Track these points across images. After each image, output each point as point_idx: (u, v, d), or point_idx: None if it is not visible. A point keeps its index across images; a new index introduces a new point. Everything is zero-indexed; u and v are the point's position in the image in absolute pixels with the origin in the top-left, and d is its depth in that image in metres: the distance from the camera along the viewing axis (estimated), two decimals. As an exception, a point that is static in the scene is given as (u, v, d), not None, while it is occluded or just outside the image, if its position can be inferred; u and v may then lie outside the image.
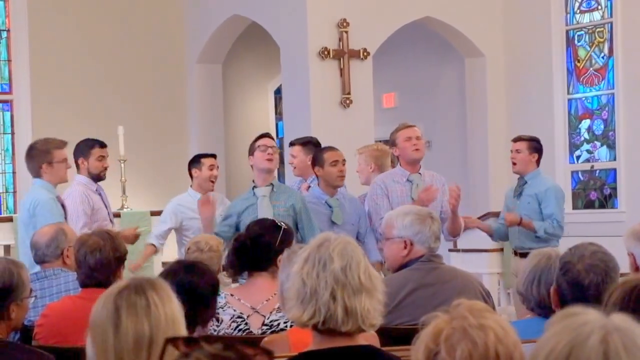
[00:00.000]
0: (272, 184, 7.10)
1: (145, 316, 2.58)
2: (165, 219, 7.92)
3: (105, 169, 7.55)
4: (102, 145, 7.63)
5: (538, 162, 8.00)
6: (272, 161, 7.13)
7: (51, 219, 6.52)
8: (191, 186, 8.08)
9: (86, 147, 7.45)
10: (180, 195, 8.07)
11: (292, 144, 8.17)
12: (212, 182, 8.14)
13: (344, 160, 7.34)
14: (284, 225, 5.13)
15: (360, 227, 7.34)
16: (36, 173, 6.87)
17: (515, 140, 8.09)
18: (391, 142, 7.29)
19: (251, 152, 7.14)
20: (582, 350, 1.74)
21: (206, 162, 8.14)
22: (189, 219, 7.83)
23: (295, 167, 8.01)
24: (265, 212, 6.79)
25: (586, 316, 1.79)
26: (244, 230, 5.24)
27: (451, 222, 7.15)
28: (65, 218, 6.86)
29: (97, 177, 7.48)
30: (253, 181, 7.19)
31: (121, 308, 2.59)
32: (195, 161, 8.17)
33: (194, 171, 8.12)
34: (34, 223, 6.59)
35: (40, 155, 6.83)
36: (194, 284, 3.94)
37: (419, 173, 7.20)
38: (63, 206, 6.91)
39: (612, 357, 1.73)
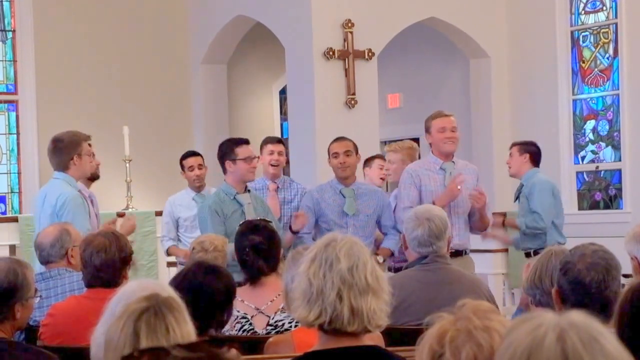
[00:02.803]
0: (249, 191, 7.02)
1: (165, 341, 2.59)
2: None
3: (98, 165, 7.50)
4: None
5: (533, 161, 8.15)
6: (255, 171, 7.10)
7: (79, 218, 6.43)
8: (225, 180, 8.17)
9: None
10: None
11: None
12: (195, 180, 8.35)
13: (347, 151, 7.23)
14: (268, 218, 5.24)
15: (385, 219, 7.27)
16: (63, 166, 6.60)
17: (510, 147, 8.37)
18: (425, 129, 7.11)
19: (230, 158, 6.91)
20: (541, 352, 1.71)
21: (186, 163, 8.38)
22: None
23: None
24: (252, 218, 6.75)
25: (540, 318, 1.77)
26: (246, 234, 5.19)
27: (479, 220, 7.11)
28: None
29: (94, 175, 7.43)
30: (225, 181, 7.01)
31: (141, 331, 2.59)
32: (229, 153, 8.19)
33: (182, 173, 8.38)
34: (61, 218, 6.48)
35: (70, 147, 6.59)
36: (212, 288, 3.93)
37: (452, 162, 7.03)
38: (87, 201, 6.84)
39: (571, 354, 1.70)
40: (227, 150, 6.99)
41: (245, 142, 7.09)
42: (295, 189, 7.59)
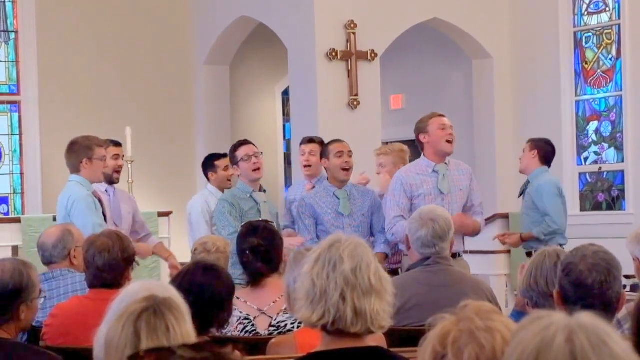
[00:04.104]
0: (265, 191, 7.21)
1: (166, 339, 2.59)
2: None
3: (120, 167, 7.58)
4: (117, 144, 7.70)
5: (542, 160, 8.19)
6: (260, 169, 7.17)
7: (88, 215, 6.58)
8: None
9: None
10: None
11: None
12: (229, 180, 8.36)
13: (350, 152, 7.23)
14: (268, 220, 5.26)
15: (374, 220, 7.23)
16: (75, 169, 6.83)
17: (527, 142, 8.38)
18: (420, 130, 6.94)
19: (234, 162, 7.19)
20: (549, 353, 1.72)
21: (221, 164, 8.37)
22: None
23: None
24: (267, 217, 6.81)
25: (550, 318, 1.77)
26: (246, 237, 5.18)
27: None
28: (104, 213, 6.87)
29: (109, 178, 7.47)
30: (240, 181, 7.22)
31: (141, 331, 2.60)
32: (210, 165, 8.28)
33: (211, 174, 8.24)
34: (71, 219, 6.61)
35: (82, 151, 6.80)
36: (212, 287, 3.94)
37: (445, 163, 6.89)
38: (100, 201, 6.91)
39: (579, 356, 1.71)
40: (230, 156, 7.29)
41: (243, 143, 7.33)
42: None
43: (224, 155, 8.65)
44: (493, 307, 2.27)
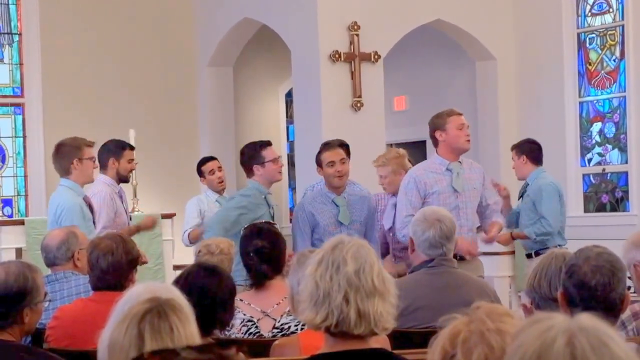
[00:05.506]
0: (270, 193, 7.14)
1: (170, 340, 2.59)
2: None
3: (132, 171, 7.64)
4: (132, 147, 7.75)
5: (533, 161, 8.28)
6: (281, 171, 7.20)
7: (77, 224, 6.53)
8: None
9: (118, 147, 7.45)
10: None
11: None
12: (219, 183, 8.56)
13: (343, 159, 7.10)
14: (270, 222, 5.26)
15: (367, 226, 7.15)
16: (65, 171, 6.81)
17: (511, 150, 8.49)
18: (437, 126, 6.83)
19: (258, 161, 7.01)
20: (550, 356, 1.72)
21: (206, 169, 8.61)
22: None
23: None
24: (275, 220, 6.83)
25: (551, 321, 1.77)
26: (250, 239, 5.16)
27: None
28: (93, 220, 6.85)
29: (124, 179, 7.52)
30: (254, 180, 7.10)
31: (145, 332, 2.60)
32: (199, 172, 8.64)
33: (201, 180, 8.61)
34: (61, 225, 6.59)
35: (71, 152, 6.80)
36: (214, 288, 3.96)
37: (459, 162, 6.84)
38: (90, 207, 6.88)
39: (580, 358, 1.71)
40: (254, 154, 7.07)
41: (269, 143, 7.18)
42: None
43: (210, 159, 8.81)
44: (506, 310, 2.28)
